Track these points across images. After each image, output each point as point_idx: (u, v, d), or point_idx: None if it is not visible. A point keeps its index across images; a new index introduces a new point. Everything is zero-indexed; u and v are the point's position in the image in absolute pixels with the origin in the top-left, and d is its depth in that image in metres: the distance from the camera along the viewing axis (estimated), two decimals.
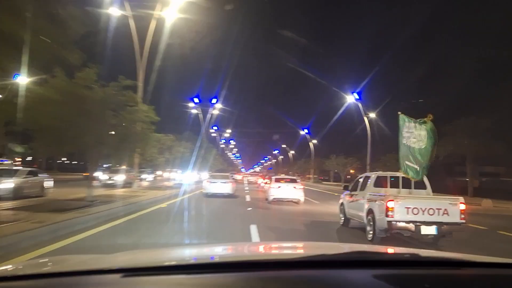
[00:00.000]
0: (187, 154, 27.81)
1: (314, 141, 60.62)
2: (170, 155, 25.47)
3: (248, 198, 20.87)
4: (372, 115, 34.53)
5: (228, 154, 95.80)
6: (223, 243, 4.94)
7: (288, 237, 8.83)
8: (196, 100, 42.92)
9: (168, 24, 18.39)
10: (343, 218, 11.13)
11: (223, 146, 78.52)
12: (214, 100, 44.95)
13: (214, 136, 63.34)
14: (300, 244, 3.01)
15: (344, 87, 36.02)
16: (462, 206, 8.01)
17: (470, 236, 9.30)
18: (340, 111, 36.91)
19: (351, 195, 10.62)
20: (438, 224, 7.82)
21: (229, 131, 66.24)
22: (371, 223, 8.52)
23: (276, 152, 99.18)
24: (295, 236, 9.01)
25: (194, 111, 44.16)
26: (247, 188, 31.82)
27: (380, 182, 9.55)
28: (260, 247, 2.91)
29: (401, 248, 2.74)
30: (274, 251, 2.53)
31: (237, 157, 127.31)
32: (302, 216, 13.52)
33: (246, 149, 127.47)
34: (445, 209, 7.90)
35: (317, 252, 1.95)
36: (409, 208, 7.82)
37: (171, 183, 31.59)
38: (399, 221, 7.81)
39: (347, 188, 11.43)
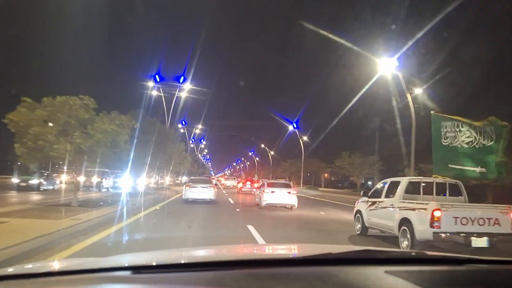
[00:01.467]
0: (130, 142, 13.72)
1: (305, 138, 48.80)
2: (89, 140, 11.40)
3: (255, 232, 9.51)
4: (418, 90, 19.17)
5: (199, 155, 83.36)
6: (230, 245, 4.42)
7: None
8: (157, 78, 31.59)
9: None
10: (359, 227, 10.13)
11: (192, 145, 66.51)
12: (181, 79, 33.83)
13: (183, 133, 51.26)
14: (308, 246, 3.16)
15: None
16: None
17: None
18: (367, 86, 24.04)
19: (372, 203, 9.62)
20: (489, 235, 7.09)
21: (200, 126, 54.60)
22: (407, 234, 7.71)
23: (251, 153, 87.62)
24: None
25: (154, 92, 32.39)
26: (230, 199, 23.44)
27: (412, 188, 8.65)
28: (267, 248, 3.12)
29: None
30: (280, 252, 2.60)
31: (207, 159, 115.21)
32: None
33: (217, 150, 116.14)
34: (496, 219, 7.23)
35: (325, 251, 1.96)
36: (457, 218, 7.12)
37: (99, 193, 19.46)
38: (447, 233, 7.06)
39: (366, 194, 10.27)
